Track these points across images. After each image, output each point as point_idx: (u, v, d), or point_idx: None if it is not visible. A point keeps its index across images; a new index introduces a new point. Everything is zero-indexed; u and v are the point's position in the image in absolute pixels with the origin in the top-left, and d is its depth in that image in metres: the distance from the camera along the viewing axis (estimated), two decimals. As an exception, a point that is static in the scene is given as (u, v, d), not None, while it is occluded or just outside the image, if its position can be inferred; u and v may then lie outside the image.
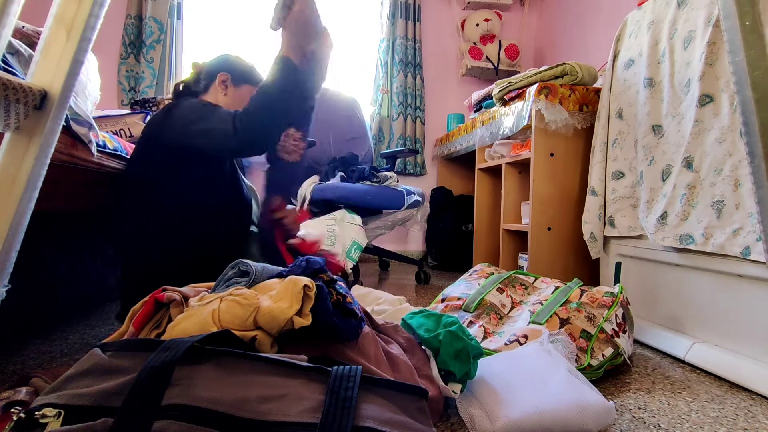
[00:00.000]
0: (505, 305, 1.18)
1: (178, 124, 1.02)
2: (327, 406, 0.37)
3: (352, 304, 0.60)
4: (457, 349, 0.76)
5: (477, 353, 0.79)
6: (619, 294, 1.10)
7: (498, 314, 1.15)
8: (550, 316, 1.05)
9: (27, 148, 0.51)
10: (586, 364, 0.96)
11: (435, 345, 0.78)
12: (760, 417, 0.83)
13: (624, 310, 1.08)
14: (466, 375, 0.77)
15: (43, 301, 1.31)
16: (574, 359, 0.92)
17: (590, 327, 1.01)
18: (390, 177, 2.07)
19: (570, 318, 1.04)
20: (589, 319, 1.03)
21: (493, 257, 2.19)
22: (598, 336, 1.00)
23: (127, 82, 2.45)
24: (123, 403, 0.37)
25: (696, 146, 1.13)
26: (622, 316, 1.06)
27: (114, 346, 0.43)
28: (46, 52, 0.52)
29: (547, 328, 1.01)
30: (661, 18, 1.29)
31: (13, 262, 0.51)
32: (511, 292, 1.22)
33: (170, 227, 1.01)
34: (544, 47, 2.97)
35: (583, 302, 1.08)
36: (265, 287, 0.58)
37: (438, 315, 0.88)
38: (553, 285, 1.20)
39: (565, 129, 1.60)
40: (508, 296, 1.20)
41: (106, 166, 1.03)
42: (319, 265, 0.64)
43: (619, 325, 1.04)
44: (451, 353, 0.76)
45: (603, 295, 1.10)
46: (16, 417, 0.35)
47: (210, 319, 0.50)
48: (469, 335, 0.82)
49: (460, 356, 0.76)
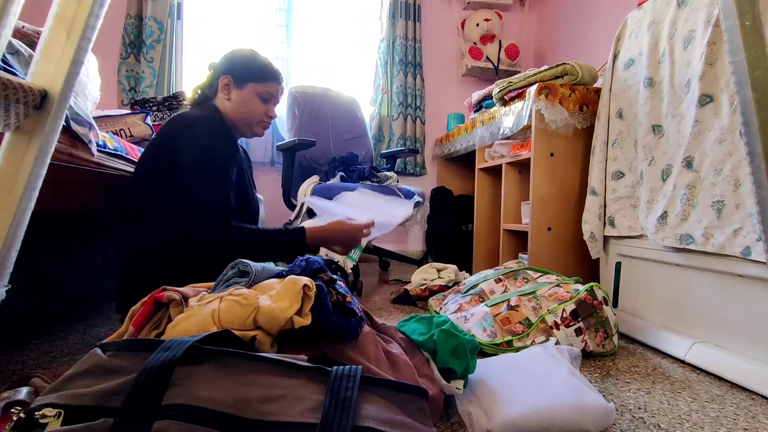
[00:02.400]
0: (494, 292, 1.30)
1: (189, 155, 1.01)
2: (327, 406, 0.37)
3: (351, 304, 0.60)
4: (453, 345, 0.77)
5: (473, 347, 0.79)
6: (582, 292, 1.15)
7: (481, 298, 1.29)
8: (501, 302, 1.19)
9: (27, 148, 0.51)
10: (500, 341, 1.09)
11: (431, 346, 0.79)
12: (760, 417, 0.83)
13: (582, 308, 1.13)
14: (466, 370, 0.77)
15: (43, 301, 1.31)
16: (578, 363, 0.93)
17: (533, 316, 1.14)
18: (390, 177, 2.07)
19: (518, 306, 1.16)
20: (535, 309, 1.15)
21: (493, 257, 2.19)
22: (538, 325, 1.12)
23: (127, 82, 2.45)
24: (123, 403, 0.37)
25: (696, 146, 1.13)
26: (572, 312, 1.12)
27: (114, 346, 0.43)
28: (46, 52, 0.52)
29: (490, 311, 1.17)
30: (662, 18, 1.29)
31: (13, 262, 0.51)
32: (509, 283, 1.31)
33: (178, 230, 1.00)
34: (544, 47, 2.96)
35: (541, 295, 1.18)
36: (265, 287, 0.58)
37: (429, 318, 0.89)
38: (550, 280, 1.26)
39: (565, 129, 1.60)
40: (503, 286, 1.31)
41: (106, 166, 1.03)
42: (319, 264, 0.64)
43: (564, 319, 1.11)
44: (448, 351, 0.77)
45: (568, 291, 1.18)
46: (16, 417, 0.35)
47: (210, 319, 0.50)
48: (461, 331, 0.83)
49: (457, 352, 0.77)
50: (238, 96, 1.14)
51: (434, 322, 0.86)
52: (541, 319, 1.12)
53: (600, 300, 1.15)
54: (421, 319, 0.90)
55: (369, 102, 2.87)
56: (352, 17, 2.93)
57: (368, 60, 2.92)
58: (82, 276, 1.50)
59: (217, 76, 1.15)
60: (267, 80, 1.16)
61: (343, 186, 1.95)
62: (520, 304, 1.16)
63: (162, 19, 2.45)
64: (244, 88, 1.14)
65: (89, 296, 1.54)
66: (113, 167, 1.08)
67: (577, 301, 1.13)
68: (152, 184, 1.03)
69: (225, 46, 2.72)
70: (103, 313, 1.46)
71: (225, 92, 1.14)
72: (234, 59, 1.16)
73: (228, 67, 1.15)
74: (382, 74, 2.83)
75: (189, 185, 1.00)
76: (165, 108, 1.80)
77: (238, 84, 1.14)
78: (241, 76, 1.14)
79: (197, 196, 0.99)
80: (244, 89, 1.14)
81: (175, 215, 1.00)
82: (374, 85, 2.88)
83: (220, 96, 1.16)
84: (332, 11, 2.88)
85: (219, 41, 2.73)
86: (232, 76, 1.14)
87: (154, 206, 1.03)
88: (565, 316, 1.11)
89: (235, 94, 1.14)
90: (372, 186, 1.97)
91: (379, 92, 2.84)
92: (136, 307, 0.58)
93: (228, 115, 1.15)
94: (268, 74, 1.16)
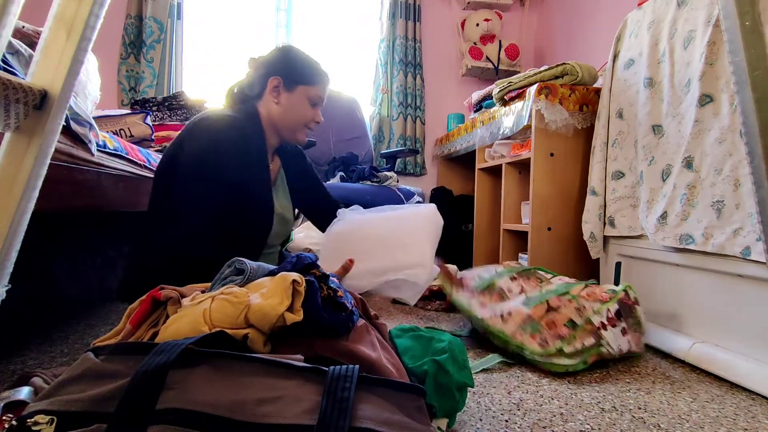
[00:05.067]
0: (512, 291, 1.22)
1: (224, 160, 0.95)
2: (324, 407, 0.37)
3: (342, 298, 0.59)
4: (440, 383, 0.70)
5: (462, 385, 0.73)
6: (620, 291, 1.12)
7: (501, 296, 1.21)
8: (540, 303, 1.10)
9: (27, 148, 0.51)
10: (554, 350, 1.01)
11: (419, 375, 0.71)
12: (760, 417, 0.83)
13: (623, 308, 1.10)
14: (452, 410, 0.73)
15: (43, 301, 1.31)
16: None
17: (578, 317, 1.06)
18: (390, 177, 2.07)
19: (560, 307, 1.08)
20: (578, 309, 1.07)
21: (493, 257, 2.19)
22: (584, 327, 1.04)
23: (127, 82, 2.45)
24: (116, 408, 0.36)
25: (696, 146, 1.12)
26: (616, 312, 1.08)
27: (107, 350, 0.43)
28: (46, 52, 0.52)
29: (532, 313, 1.08)
30: (662, 18, 1.29)
31: (13, 262, 0.51)
32: (524, 282, 1.25)
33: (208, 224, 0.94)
34: (544, 47, 2.96)
35: (579, 295, 1.11)
36: (257, 285, 0.58)
37: (428, 337, 0.80)
38: (566, 282, 1.23)
39: (565, 129, 1.60)
40: (518, 285, 1.24)
41: (106, 166, 1.03)
42: (310, 260, 0.63)
43: (610, 319, 1.07)
44: (434, 387, 0.70)
45: (604, 291, 1.13)
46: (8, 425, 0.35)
47: (201, 319, 0.50)
48: (462, 361, 0.76)
49: (445, 392, 0.70)
50: (287, 100, 1.05)
51: (432, 347, 0.76)
52: (587, 320, 1.05)
53: (633, 300, 1.13)
54: (420, 336, 0.81)
55: (369, 102, 2.87)
56: (352, 17, 2.93)
57: (368, 60, 2.92)
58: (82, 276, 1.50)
59: (265, 75, 1.05)
60: (318, 83, 1.08)
61: (342, 186, 1.94)
62: (561, 305, 1.09)
63: (162, 19, 2.45)
64: (295, 91, 1.06)
65: (89, 296, 1.54)
66: (113, 167, 1.08)
67: (618, 301, 1.10)
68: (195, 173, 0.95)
69: (225, 46, 2.74)
70: (103, 313, 1.46)
71: (273, 94, 1.05)
72: (286, 59, 1.07)
73: (279, 67, 1.05)
74: (382, 74, 2.83)
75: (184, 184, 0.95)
76: (165, 108, 1.80)
77: (288, 86, 1.05)
78: (293, 77, 1.05)
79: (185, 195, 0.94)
80: (294, 92, 1.06)
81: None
82: (374, 85, 2.88)
83: (267, 98, 1.06)
84: (332, 11, 2.89)
85: (219, 41, 2.73)
86: (282, 77, 1.04)
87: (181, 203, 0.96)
88: (610, 317, 1.07)
89: (285, 98, 1.05)
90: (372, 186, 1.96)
91: (379, 92, 2.84)
92: (134, 306, 0.58)
93: (272, 120, 1.07)
94: (319, 76, 1.09)
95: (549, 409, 0.85)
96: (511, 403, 0.87)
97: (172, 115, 1.80)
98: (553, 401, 0.88)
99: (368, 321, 0.67)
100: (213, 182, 0.95)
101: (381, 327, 0.69)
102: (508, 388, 0.94)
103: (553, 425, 0.78)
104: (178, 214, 0.94)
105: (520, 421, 0.80)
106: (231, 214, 0.98)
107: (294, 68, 1.06)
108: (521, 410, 0.84)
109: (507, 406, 0.85)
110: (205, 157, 0.96)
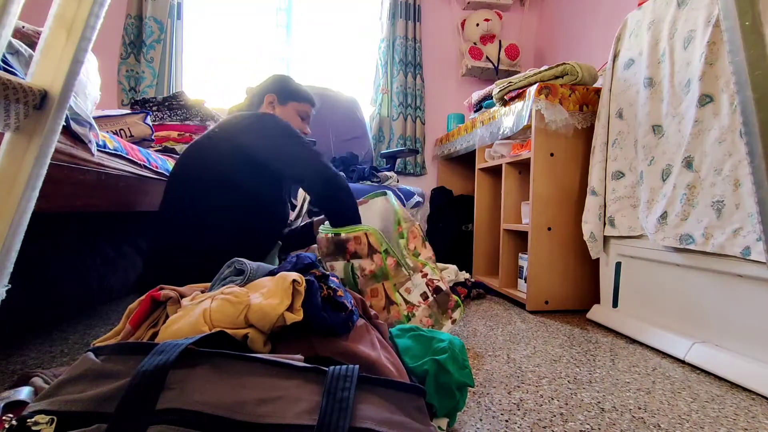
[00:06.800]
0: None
1: (269, 141, 1.12)
2: (324, 407, 0.37)
3: (342, 298, 0.59)
4: (440, 383, 0.70)
5: (462, 385, 0.73)
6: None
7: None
8: None
9: (27, 148, 0.51)
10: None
11: (420, 374, 0.72)
12: (760, 417, 0.83)
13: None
14: (454, 409, 0.72)
15: (43, 301, 1.31)
16: None
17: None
18: (390, 177, 2.07)
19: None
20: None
21: (493, 257, 2.19)
22: None
23: (127, 82, 2.45)
24: (116, 408, 0.36)
25: (696, 146, 1.12)
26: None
27: (107, 350, 0.43)
28: (46, 52, 0.52)
29: None
30: (662, 18, 1.29)
31: (13, 261, 0.51)
32: None
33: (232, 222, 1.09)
34: (544, 47, 2.96)
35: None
36: (257, 285, 0.58)
37: (428, 337, 0.79)
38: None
39: (565, 129, 1.60)
40: None
41: (106, 166, 1.03)
42: (310, 260, 0.64)
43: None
44: (435, 387, 0.70)
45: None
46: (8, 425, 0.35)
47: (201, 319, 0.50)
48: (462, 361, 0.75)
49: (446, 391, 0.71)
50: (281, 111, 1.30)
51: (432, 346, 0.76)
52: None
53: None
54: (420, 336, 0.80)
55: (369, 102, 2.87)
56: (352, 17, 2.93)
57: (368, 60, 2.91)
58: (82, 276, 1.50)
59: (262, 94, 1.30)
60: (305, 101, 1.34)
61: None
62: None
63: (162, 19, 2.45)
64: (287, 106, 1.31)
65: (89, 296, 1.54)
66: (113, 167, 1.07)
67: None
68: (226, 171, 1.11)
69: (225, 46, 2.74)
70: (103, 313, 1.46)
71: (270, 108, 1.30)
72: (280, 81, 1.34)
73: (273, 88, 1.31)
74: (382, 74, 2.83)
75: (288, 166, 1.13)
76: (165, 108, 1.80)
77: (282, 101, 1.30)
78: (285, 95, 1.31)
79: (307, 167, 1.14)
80: (286, 106, 1.31)
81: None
82: (374, 85, 2.88)
83: (264, 111, 1.28)
84: (332, 11, 2.88)
85: (219, 41, 2.73)
86: (276, 94, 1.30)
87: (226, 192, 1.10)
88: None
89: (279, 110, 1.30)
90: (372, 186, 1.96)
91: (379, 92, 2.84)
92: (134, 306, 0.58)
93: None
94: (306, 96, 1.35)
95: (549, 409, 0.85)
96: (511, 403, 0.87)
97: (172, 115, 1.79)
98: (553, 401, 0.88)
99: (368, 321, 0.67)
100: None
101: (381, 327, 0.69)
102: (508, 388, 0.94)
103: (553, 425, 0.78)
104: (260, 200, 1.14)
105: (520, 421, 0.80)
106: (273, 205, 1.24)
107: (287, 88, 1.33)
108: (521, 410, 0.84)
109: (507, 406, 0.85)
110: (292, 132, 1.14)
